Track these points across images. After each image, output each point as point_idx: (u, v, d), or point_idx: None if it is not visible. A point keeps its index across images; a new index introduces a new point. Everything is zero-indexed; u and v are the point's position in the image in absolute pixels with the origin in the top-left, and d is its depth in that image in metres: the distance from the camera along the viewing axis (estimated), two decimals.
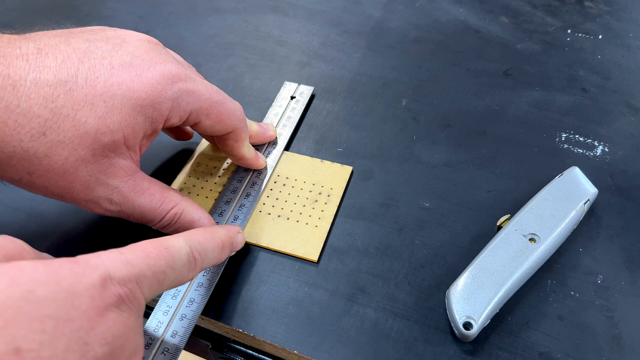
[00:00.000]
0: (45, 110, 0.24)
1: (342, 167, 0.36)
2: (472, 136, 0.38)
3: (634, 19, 0.48)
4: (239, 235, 0.29)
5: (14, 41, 0.25)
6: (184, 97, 0.28)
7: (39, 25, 0.49)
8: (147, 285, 0.21)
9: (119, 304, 0.19)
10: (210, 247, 0.26)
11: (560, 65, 0.44)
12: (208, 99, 0.29)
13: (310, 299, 0.30)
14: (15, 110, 0.23)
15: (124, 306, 0.19)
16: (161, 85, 0.27)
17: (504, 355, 0.27)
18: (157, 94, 0.26)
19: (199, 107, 0.28)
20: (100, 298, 0.18)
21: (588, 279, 0.30)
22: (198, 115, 0.29)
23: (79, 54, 0.25)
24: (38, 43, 0.25)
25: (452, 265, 0.31)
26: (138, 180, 0.28)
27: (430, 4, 0.50)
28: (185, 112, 0.28)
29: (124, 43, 0.27)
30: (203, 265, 0.25)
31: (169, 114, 0.27)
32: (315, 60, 0.45)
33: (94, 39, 0.27)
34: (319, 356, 0.27)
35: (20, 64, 0.24)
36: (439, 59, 0.45)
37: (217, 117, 0.30)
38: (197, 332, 0.31)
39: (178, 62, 0.29)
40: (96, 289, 0.18)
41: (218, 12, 0.50)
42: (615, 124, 0.39)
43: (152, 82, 0.26)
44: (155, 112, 0.27)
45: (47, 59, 0.25)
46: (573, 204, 0.31)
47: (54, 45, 0.25)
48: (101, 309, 0.18)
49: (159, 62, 0.27)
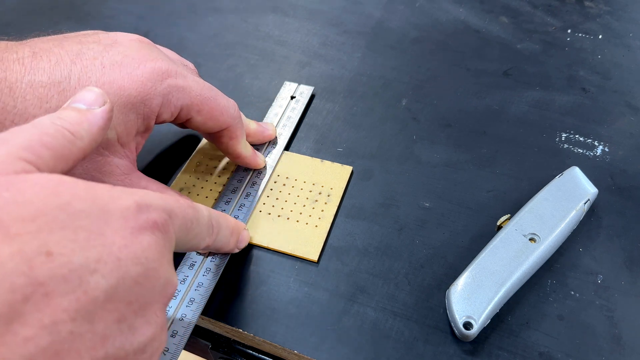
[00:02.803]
0: (40, 110, 0.25)
1: (342, 167, 0.36)
2: (472, 136, 0.38)
3: (634, 19, 0.48)
4: (244, 232, 0.30)
5: (11, 47, 0.26)
6: (174, 92, 0.28)
7: (38, 25, 0.49)
8: (178, 224, 0.21)
9: (153, 230, 0.19)
10: (223, 224, 0.27)
11: (560, 65, 0.44)
12: (199, 95, 0.29)
13: (310, 299, 0.30)
14: (12, 111, 0.24)
15: (158, 233, 0.20)
16: (151, 82, 0.27)
17: (504, 355, 0.27)
18: (147, 90, 0.27)
19: (190, 102, 0.29)
20: (135, 219, 0.19)
21: (588, 278, 0.30)
22: (189, 111, 0.29)
23: (71, 56, 0.27)
24: (33, 47, 0.26)
25: (452, 265, 0.31)
26: (134, 180, 0.28)
27: (430, 4, 0.50)
28: (176, 107, 0.29)
29: (116, 44, 0.28)
30: (217, 238, 0.26)
31: (160, 109, 0.28)
32: (315, 60, 0.45)
33: (86, 41, 0.28)
34: (319, 356, 0.27)
35: (17, 67, 0.25)
36: (439, 59, 0.45)
37: (209, 113, 0.30)
38: (197, 332, 0.31)
39: (170, 59, 0.30)
40: (131, 211, 0.19)
41: (218, 12, 0.50)
42: (615, 124, 0.39)
43: (142, 80, 0.27)
44: (146, 109, 0.28)
45: (42, 62, 0.26)
46: (573, 203, 0.31)
47: (47, 49, 0.26)
48: (135, 230, 0.19)
49: (150, 59, 0.28)
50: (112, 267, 0.17)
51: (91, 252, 0.17)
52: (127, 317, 0.18)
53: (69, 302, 0.16)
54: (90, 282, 0.16)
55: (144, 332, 0.18)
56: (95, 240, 0.17)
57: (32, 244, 0.16)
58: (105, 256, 0.17)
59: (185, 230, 0.22)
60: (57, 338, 0.16)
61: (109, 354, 0.17)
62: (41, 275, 0.16)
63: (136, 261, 0.18)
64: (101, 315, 0.17)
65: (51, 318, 0.15)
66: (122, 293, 0.17)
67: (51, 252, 0.16)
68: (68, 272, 0.16)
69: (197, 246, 0.24)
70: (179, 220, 0.21)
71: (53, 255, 0.16)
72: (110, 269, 0.17)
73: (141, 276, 0.18)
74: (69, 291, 0.16)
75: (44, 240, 0.16)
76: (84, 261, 0.17)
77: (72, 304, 0.16)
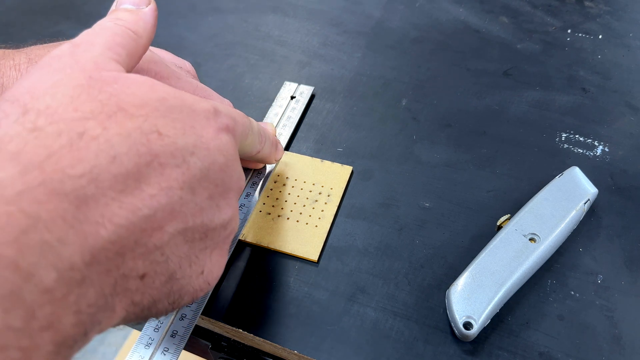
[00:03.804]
0: None
1: (342, 167, 0.36)
2: (472, 136, 0.38)
3: (634, 19, 0.48)
4: (279, 145, 0.34)
5: (8, 54, 0.28)
6: None
7: (38, 25, 0.49)
8: (239, 130, 0.24)
9: (227, 131, 0.23)
10: (268, 135, 0.30)
11: (560, 65, 0.44)
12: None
13: (310, 299, 0.30)
14: None
15: (230, 135, 0.23)
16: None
17: (504, 355, 0.27)
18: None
19: None
20: (215, 120, 0.22)
21: (588, 278, 0.30)
22: None
23: None
24: (29, 54, 0.28)
25: (452, 265, 0.31)
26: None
27: (430, 4, 0.50)
28: None
29: None
30: (265, 146, 0.29)
31: None
32: (315, 60, 0.45)
33: None
34: (319, 356, 0.27)
35: (13, 73, 0.27)
36: (439, 59, 0.45)
37: None
38: (197, 332, 0.31)
39: (162, 61, 0.30)
40: (210, 113, 0.22)
41: (218, 12, 0.50)
42: (615, 124, 0.39)
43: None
44: None
45: None
46: (573, 203, 0.31)
47: (42, 55, 0.28)
48: (215, 129, 0.22)
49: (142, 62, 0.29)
50: (205, 153, 0.21)
51: (188, 139, 0.20)
52: (215, 196, 0.21)
53: (177, 174, 0.19)
54: (190, 161, 0.20)
55: (226, 212, 0.22)
56: (190, 130, 0.20)
57: (146, 124, 0.19)
58: (199, 143, 0.21)
59: (244, 136, 0.26)
60: (171, 200, 0.19)
61: (204, 223, 0.21)
62: (156, 149, 0.19)
63: (220, 152, 0.22)
64: (198, 190, 0.20)
65: (167, 183, 0.19)
66: (212, 175, 0.21)
67: (160, 132, 0.19)
68: (175, 149, 0.20)
69: (250, 152, 0.28)
70: (240, 127, 0.25)
71: (162, 135, 0.19)
72: (203, 154, 0.21)
73: (224, 165, 0.22)
74: (176, 165, 0.19)
75: (154, 123, 0.19)
76: (184, 144, 0.20)
77: (179, 176, 0.20)
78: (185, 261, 0.21)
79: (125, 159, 0.18)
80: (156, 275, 0.19)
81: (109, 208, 0.17)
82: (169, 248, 0.20)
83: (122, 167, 0.18)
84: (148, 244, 0.18)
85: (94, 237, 0.17)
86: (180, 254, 0.20)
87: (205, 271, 0.22)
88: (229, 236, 0.24)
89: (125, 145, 0.18)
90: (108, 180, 0.17)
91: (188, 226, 0.20)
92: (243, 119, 0.25)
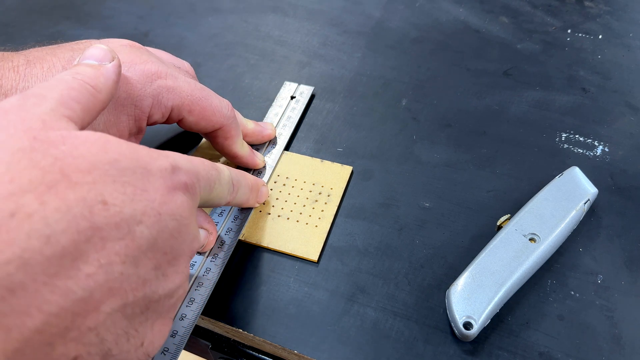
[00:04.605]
0: None
1: (342, 167, 0.36)
2: (472, 136, 0.38)
3: (634, 19, 0.48)
4: (263, 188, 0.32)
5: (7, 56, 0.28)
6: (164, 93, 0.29)
7: (38, 25, 0.49)
8: (202, 185, 0.23)
9: (184, 190, 0.21)
10: (243, 182, 0.29)
11: (560, 65, 0.44)
12: (189, 95, 0.30)
13: (310, 299, 0.30)
14: None
15: (187, 193, 0.22)
16: (140, 84, 0.28)
17: (504, 355, 0.27)
18: (136, 92, 0.28)
19: (180, 103, 0.29)
20: (171, 180, 0.21)
21: (588, 278, 0.30)
22: (180, 112, 0.30)
23: (63, 62, 0.28)
24: (27, 56, 0.28)
25: (452, 265, 0.31)
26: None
27: (430, 4, 0.50)
28: (167, 108, 0.29)
29: None
30: (238, 195, 0.28)
31: (150, 110, 0.29)
32: (315, 60, 0.45)
33: (78, 48, 0.29)
34: (319, 356, 0.27)
35: (12, 75, 0.27)
36: (439, 59, 0.45)
37: (201, 113, 0.30)
38: (197, 332, 0.31)
39: (160, 61, 0.30)
40: (167, 171, 0.21)
41: (218, 12, 0.50)
42: (615, 124, 0.39)
43: (131, 82, 0.28)
44: (136, 110, 0.28)
45: (35, 69, 0.27)
46: (573, 203, 0.31)
47: (41, 57, 0.28)
48: (171, 189, 0.21)
49: (139, 62, 0.29)
50: (154, 220, 0.19)
51: (137, 205, 0.19)
52: (162, 265, 0.20)
53: (120, 247, 0.18)
54: (135, 231, 0.18)
55: (174, 280, 0.21)
56: (141, 195, 0.19)
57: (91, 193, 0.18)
58: (149, 210, 0.19)
59: (209, 189, 0.24)
60: (111, 277, 0.18)
61: (146, 295, 0.19)
62: (99, 221, 0.17)
63: (172, 217, 0.20)
64: (143, 262, 0.19)
65: (107, 259, 0.17)
66: (160, 244, 0.20)
67: (106, 202, 0.18)
68: (120, 220, 0.18)
69: (219, 203, 0.26)
70: (203, 181, 0.23)
71: (108, 204, 0.18)
72: (152, 222, 0.19)
73: (175, 230, 0.20)
74: (120, 237, 0.18)
75: (100, 190, 0.18)
76: (132, 212, 0.18)
77: (122, 249, 0.18)
78: (123, 337, 0.19)
79: (62, 237, 0.16)
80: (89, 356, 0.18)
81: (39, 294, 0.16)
82: (105, 327, 0.18)
83: (58, 247, 0.16)
84: (81, 327, 0.17)
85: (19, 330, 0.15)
86: (117, 331, 0.18)
87: (145, 343, 0.20)
88: (176, 304, 0.22)
89: (64, 222, 0.16)
90: (40, 264, 0.16)
91: (128, 302, 0.18)
92: (209, 172, 0.24)
